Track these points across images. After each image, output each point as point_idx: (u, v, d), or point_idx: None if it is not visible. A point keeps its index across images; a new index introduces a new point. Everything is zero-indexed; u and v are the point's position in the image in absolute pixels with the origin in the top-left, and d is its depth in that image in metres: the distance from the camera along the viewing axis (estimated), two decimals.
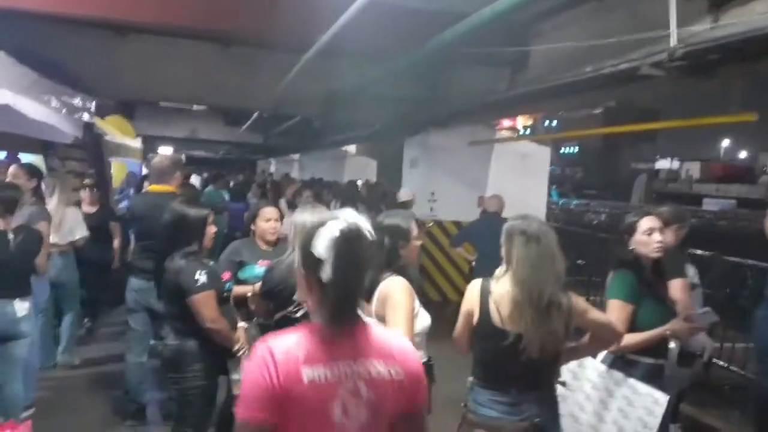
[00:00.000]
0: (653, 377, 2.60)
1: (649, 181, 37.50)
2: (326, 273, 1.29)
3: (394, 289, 2.32)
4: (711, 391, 4.92)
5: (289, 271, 2.51)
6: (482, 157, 8.78)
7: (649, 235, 2.71)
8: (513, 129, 10.03)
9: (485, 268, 2.55)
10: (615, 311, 2.63)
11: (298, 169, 19.48)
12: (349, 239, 1.31)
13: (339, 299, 1.31)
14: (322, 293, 1.31)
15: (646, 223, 2.73)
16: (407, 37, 5.40)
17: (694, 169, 53.38)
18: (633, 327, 2.63)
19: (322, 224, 1.33)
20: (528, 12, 4.97)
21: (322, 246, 1.30)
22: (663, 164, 55.31)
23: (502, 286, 2.26)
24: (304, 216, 2.45)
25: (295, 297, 2.40)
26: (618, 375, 2.62)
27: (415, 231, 2.54)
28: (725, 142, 71.44)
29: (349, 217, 1.35)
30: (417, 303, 2.39)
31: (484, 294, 2.28)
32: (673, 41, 3.45)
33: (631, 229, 2.76)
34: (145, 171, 9.91)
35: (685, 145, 40.60)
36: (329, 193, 9.35)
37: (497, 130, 9.49)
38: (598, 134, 34.27)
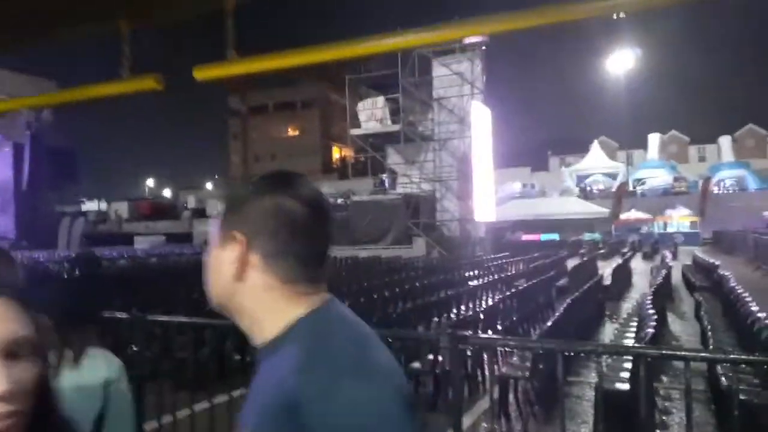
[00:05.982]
0: None
1: (75, 223, 34.20)
2: None
3: None
4: None
5: None
6: None
7: None
8: None
9: None
10: None
11: None
12: None
13: None
14: None
15: None
16: None
17: (122, 208, 52.95)
18: None
19: None
20: None
21: None
22: (90, 206, 53.13)
23: None
24: None
25: None
26: None
27: None
28: (149, 182, 75.43)
29: None
30: None
31: None
32: None
33: None
34: None
35: (110, 186, 39.69)
36: None
37: None
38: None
